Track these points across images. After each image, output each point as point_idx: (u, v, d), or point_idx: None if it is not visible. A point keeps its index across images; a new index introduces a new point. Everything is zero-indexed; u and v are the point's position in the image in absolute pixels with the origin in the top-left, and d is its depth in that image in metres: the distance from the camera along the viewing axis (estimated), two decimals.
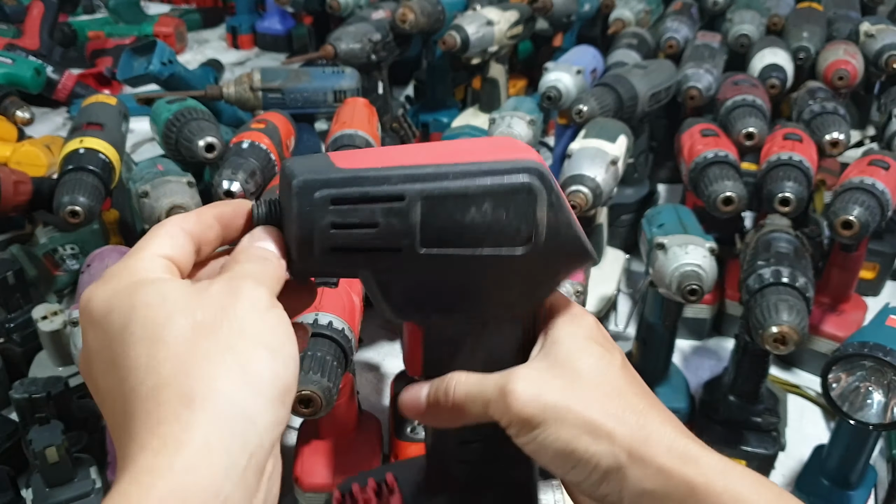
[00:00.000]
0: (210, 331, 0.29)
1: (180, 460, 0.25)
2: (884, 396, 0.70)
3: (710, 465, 0.34)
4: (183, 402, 0.27)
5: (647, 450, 0.34)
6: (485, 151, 0.34)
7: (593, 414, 0.34)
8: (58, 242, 1.09)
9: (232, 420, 0.27)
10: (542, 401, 0.34)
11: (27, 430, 0.75)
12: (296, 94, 1.16)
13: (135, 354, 0.29)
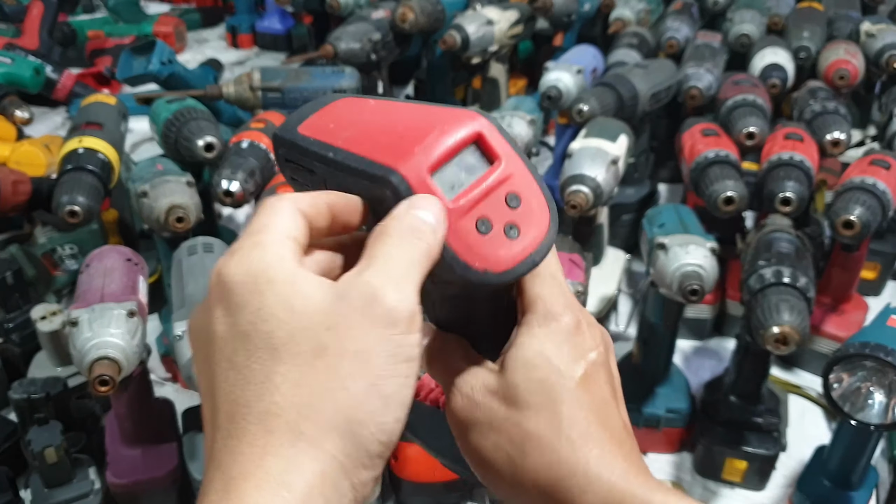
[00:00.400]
0: (333, 358, 0.27)
1: (282, 502, 0.25)
2: (885, 397, 0.70)
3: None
4: (291, 439, 0.26)
5: (565, 492, 0.31)
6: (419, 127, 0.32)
7: (512, 440, 0.32)
8: (57, 242, 1.09)
9: (334, 471, 0.26)
10: (470, 413, 0.33)
11: (26, 431, 0.75)
12: (295, 93, 1.16)
13: (255, 363, 0.27)
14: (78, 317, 0.69)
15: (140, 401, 0.79)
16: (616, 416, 0.34)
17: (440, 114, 0.33)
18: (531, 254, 0.32)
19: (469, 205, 0.31)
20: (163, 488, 0.80)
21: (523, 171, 0.32)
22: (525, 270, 0.32)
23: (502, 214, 0.32)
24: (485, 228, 0.31)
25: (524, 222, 0.32)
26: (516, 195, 0.32)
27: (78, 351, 0.67)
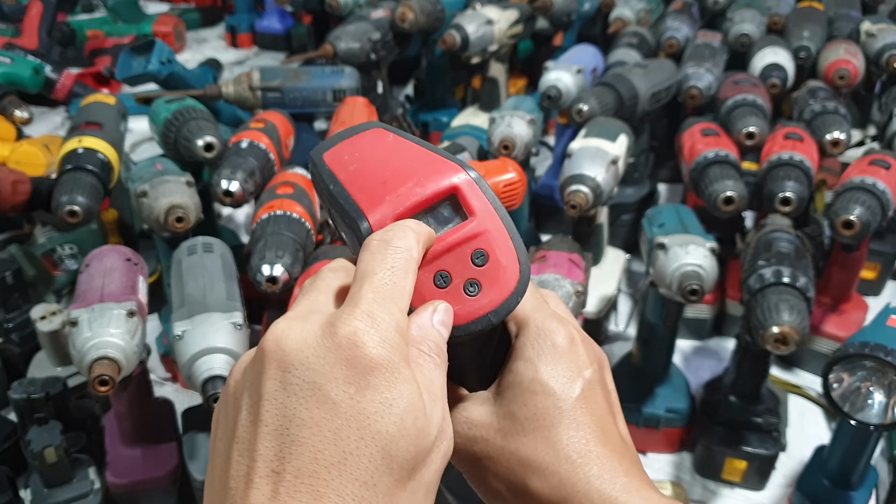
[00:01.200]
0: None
1: None
2: (885, 397, 0.70)
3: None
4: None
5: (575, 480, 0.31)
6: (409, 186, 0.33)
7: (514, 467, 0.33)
8: (56, 242, 1.09)
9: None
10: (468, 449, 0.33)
11: (26, 431, 0.75)
12: (295, 93, 1.16)
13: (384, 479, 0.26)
14: (78, 317, 0.69)
15: (140, 401, 0.79)
16: (614, 432, 0.33)
17: (429, 162, 0.33)
18: (488, 313, 0.32)
19: (430, 257, 0.32)
20: (162, 488, 0.80)
21: (499, 228, 0.32)
22: (479, 329, 0.32)
23: (464, 270, 0.32)
24: (442, 282, 0.32)
25: (487, 281, 0.32)
26: (484, 253, 0.32)
27: (78, 351, 0.67)
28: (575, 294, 0.77)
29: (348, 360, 0.26)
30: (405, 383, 0.27)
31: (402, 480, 0.26)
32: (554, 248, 0.86)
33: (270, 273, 0.77)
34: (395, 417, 0.26)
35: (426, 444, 0.27)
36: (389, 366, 0.26)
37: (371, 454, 0.25)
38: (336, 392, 0.26)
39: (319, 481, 0.24)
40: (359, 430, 0.25)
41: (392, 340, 0.27)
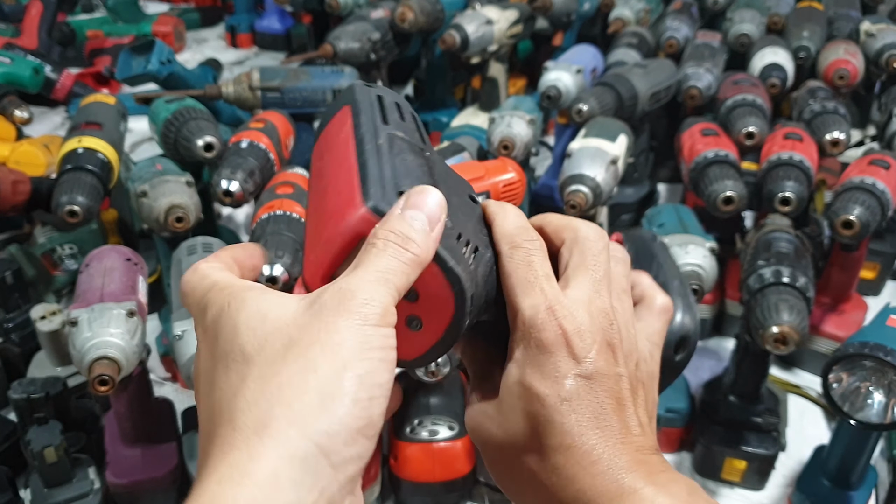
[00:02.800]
0: (302, 347, 0.27)
1: (244, 493, 0.25)
2: (884, 396, 0.70)
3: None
4: (256, 429, 0.26)
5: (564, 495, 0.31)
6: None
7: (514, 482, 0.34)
8: (56, 242, 1.09)
9: (304, 452, 0.26)
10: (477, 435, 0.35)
11: (26, 431, 0.75)
12: (295, 93, 1.16)
13: (232, 374, 0.28)
14: (77, 316, 0.69)
15: (140, 401, 0.79)
16: (615, 424, 0.32)
17: (344, 194, 0.31)
18: (435, 344, 0.31)
19: None
20: (162, 488, 0.80)
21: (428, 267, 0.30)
22: (434, 359, 0.32)
23: (400, 309, 0.30)
24: None
25: (425, 313, 0.31)
26: (415, 288, 0.30)
27: (77, 351, 0.67)
28: None
29: (196, 321, 0.32)
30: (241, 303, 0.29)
31: (271, 362, 0.27)
32: None
33: (270, 273, 0.77)
34: (240, 331, 0.29)
35: (298, 321, 0.28)
36: (221, 301, 0.30)
37: (236, 368, 0.28)
38: (203, 350, 0.31)
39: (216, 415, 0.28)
40: (224, 362, 0.29)
41: (219, 284, 0.31)
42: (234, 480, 0.25)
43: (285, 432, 0.26)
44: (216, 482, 0.25)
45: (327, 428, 0.26)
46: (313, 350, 0.27)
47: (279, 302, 0.29)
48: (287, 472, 0.25)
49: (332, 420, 0.26)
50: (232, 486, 0.25)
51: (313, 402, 0.26)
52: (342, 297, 0.28)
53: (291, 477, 0.25)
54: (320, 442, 0.26)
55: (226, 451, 0.26)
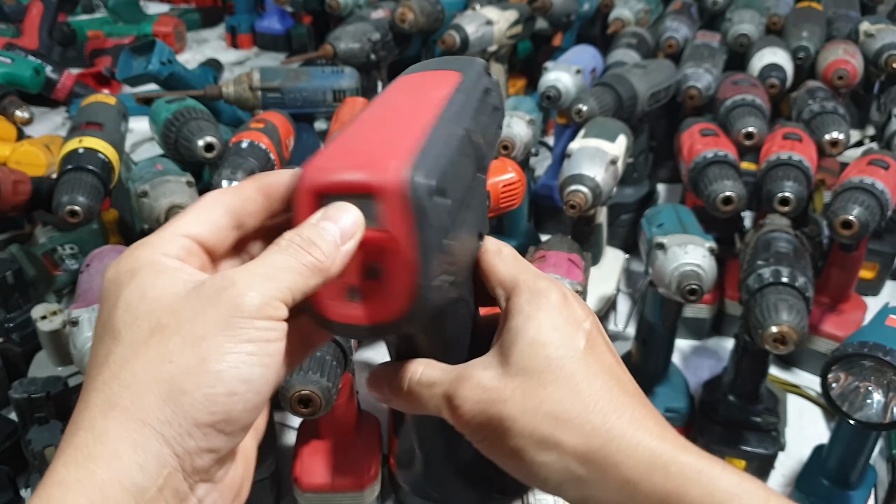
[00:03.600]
0: (166, 335, 0.27)
1: (88, 475, 0.25)
2: (883, 396, 0.70)
3: (683, 471, 0.30)
4: (104, 409, 0.26)
5: (606, 460, 0.31)
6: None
7: (541, 422, 0.31)
8: (57, 242, 1.09)
9: (146, 438, 0.26)
10: (486, 412, 0.32)
11: (26, 430, 0.75)
12: (295, 93, 1.16)
13: (102, 348, 0.28)
14: (78, 316, 0.69)
15: None
16: (629, 380, 0.34)
17: (391, 148, 0.29)
18: (358, 325, 0.30)
19: None
20: None
21: (411, 258, 0.28)
22: (345, 333, 0.30)
23: (352, 274, 0.29)
24: None
25: (370, 296, 0.29)
26: (380, 271, 0.29)
27: (78, 350, 0.68)
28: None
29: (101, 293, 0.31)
30: (133, 279, 0.29)
31: (135, 342, 0.27)
32: (553, 248, 0.87)
33: None
34: (120, 306, 0.28)
35: (173, 304, 0.28)
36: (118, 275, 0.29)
37: (105, 343, 0.28)
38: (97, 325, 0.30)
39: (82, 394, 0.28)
40: (99, 336, 0.29)
41: (126, 256, 0.30)
42: (79, 463, 0.25)
43: (130, 417, 0.26)
44: (62, 464, 0.26)
45: (171, 419, 0.26)
46: (174, 339, 0.27)
47: (165, 284, 0.28)
48: (130, 456, 0.25)
49: (178, 413, 0.26)
50: (76, 468, 0.25)
51: (161, 392, 0.26)
52: (222, 284, 0.27)
53: (135, 460, 0.25)
54: (163, 430, 0.26)
55: (73, 432, 0.26)
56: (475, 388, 0.33)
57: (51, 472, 0.26)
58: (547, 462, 0.31)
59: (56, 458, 0.26)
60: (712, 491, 0.30)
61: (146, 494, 0.25)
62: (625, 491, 0.30)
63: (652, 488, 0.30)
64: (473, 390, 0.33)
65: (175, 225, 0.30)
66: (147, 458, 0.25)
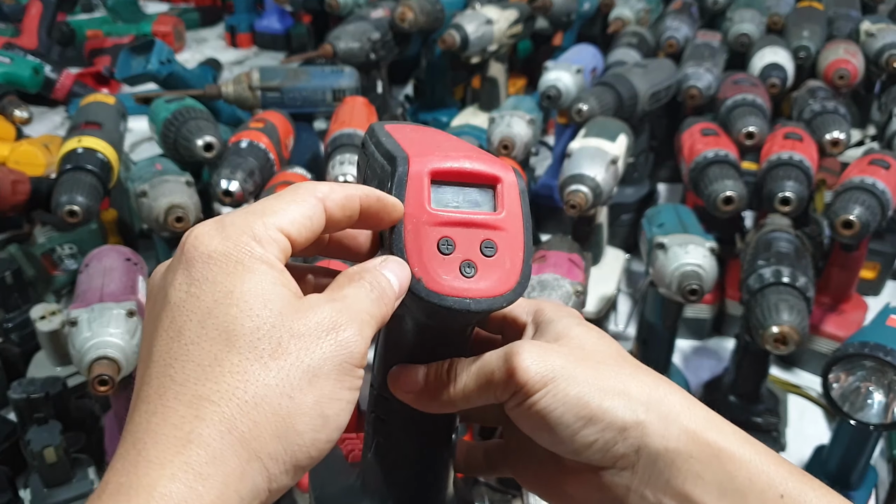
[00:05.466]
0: (288, 361, 0.27)
1: (193, 495, 0.24)
2: (884, 396, 0.70)
3: (733, 434, 0.32)
4: (222, 431, 0.25)
5: (669, 410, 0.32)
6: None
7: (604, 374, 0.32)
8: (56, 242, 1.09)
9: (256, 470, 0.26)
10: (549, 362, 0.32)
11: (25, 431, 0.75)
12: (294, 93, 1.16)
13: (206, 342, 0.27)
14: (77, 316, 0.69)
15: None
16: None
17: (486, 155, 0.34)
18: (469, 298, 0.32)
19: (444, 220, 0.32)
20: None
21: (517, 237, 0.33)
22: (452, 307, 0.31)
23: (469, 251, 0.32)
24: (445, 249, 0.32)
25: (484, 272, 0.32)
26: (494, 246, 0.32)
27: (77, 351, 0.67)
28: (574, 294, 0.77)
29: (187, 262, 0.28)
30: (248, 273, 0.27)
31: (255, 358, 0.26)
32: (553, 247, 0.86)
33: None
34: (235, 301, 0.27)
35: (293, 327, 0.27)
36: (227, 259, 0.27)
37: (212, 338, 0.26)
38: (174, 294, 0.27)
39: (166, 378, 0.26)
40: (199, 322, 0.27)
41: (235, 239, 0.28)
42: (189, 482, 0.24)
43: (247, 446, 0.26)
44: (169, 477, 0.24)
45: (279, 456, 0.26)
46: (295, 371, 0.27)
47: (284, 296, 0.28)
48: (237, 487, 0.25)
49: (287, 451, 0.26)
50: (186, 487, 0.24)
51: (278, 428, 0.26)
52: (336, 325, 0.28)
53: (239, 492, 0.25)
54: (269, 467, 0.26)
55: (182, 443, 0.25)
56: (533, 345, 0.33)
57: (152, 479, 0.24)
58: (616, 405, 0.32)
59: (160, 466, 0.24)
60: (758, 458, 0.31)
61: None
62: (682, 439, 0.31)
63: (707, 440, 0.31)
64: (532, 346, 0.33)
65: (277, 216, 0.29)
66: (249, 492, 0.26)
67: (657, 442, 0.31)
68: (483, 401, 0.34)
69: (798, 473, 0.31)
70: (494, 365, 0.33)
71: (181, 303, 0.27)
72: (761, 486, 0.30)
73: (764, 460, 0.31)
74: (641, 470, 0.32)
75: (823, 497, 0.30)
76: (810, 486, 0.30)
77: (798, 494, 0.30)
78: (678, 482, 0.31)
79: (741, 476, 0.30)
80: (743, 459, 0.30)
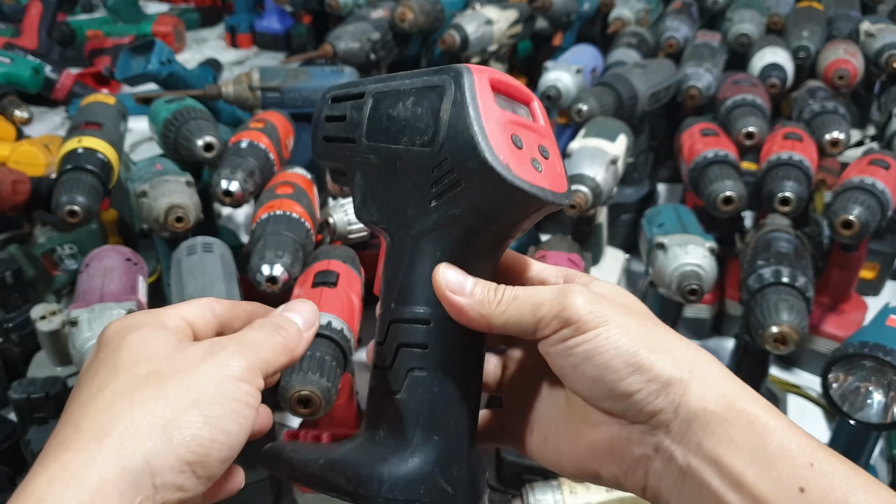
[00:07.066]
0: (160, 379, 0.30)
1: (71, 494, 0.26)
2: (884, 396, 0.70)
3: (766, 405, 0.33)
4: (97, 435, 0.28)
5: (709, 374, 0.33)
6: None
7: (652, 332, 0.34)
8: (56, 242, 1.09)
9: (134, 465, 0.28)
10: (603, 307, 0.33)
11: (25, 431, 0.75)
12: (294, 93, 1.16)
13: (97, 380, 0.31)
14: (77, 316, 0.69)
15: None
16: None
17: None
18: (546, 188, 0.34)
19: (512, 119, 0.34)
20: None
21: (555, 148, 0.37)
22: (530, 191, 0.33)
23: (533, 151, 0.35)
24: (519, 143, 0.34)
25: (547, 171, 0.35)
26: (547, 150, 0.36)
27: (77, 351, 0.67)
28: None
29: (98, 344, 0.34)
30: (137, 330, 0.33)
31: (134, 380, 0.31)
32: (553, 247, 0.86)
33: (270, 273, 0.77)
34: (122, 347, 0.32)
35: (173, 358, 0.32)
36: (119, 330, 0.33)
37: (101, 376, 0.31)
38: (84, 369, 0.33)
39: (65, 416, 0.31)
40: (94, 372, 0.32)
41: (132, 318, 0.34)
42: (64, 482, 0.27)
43: (123, 444, 0.28)
44: (46, 482, 0.27)
45: (161, 450, 0.28)
46: (171, 383, 0.30)
47: (166, 338, 0.33)
48: (114, 482, 0.27)
49: (168, 445, 0.29)
50: (61, 487, 0.27)
51: (156, 425, 0.29)
52: (214, 347, 0.32)
53: (118, 486, 0.27)
54: (151, 460, 0.28)
55: (61, 451, 0.28)
56: (587, 292, 0.34)
57: (30, 487, 0.27)
58: (664, 360, 0.32)
59: (37, 474, 0.27)
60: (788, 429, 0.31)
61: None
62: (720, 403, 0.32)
63: (744, 407, 0.32)
64: (587, 293, 0.34)
65: (178, 308, 0.35)
66: (128, 485, 0.27)
67: (697, 402, 0.32)
68: (518, 330, 0.34)
69: (826, 448, 0.31)
70: (546, 297, 0.34)
71: (85, 370, 0.33)
72: (792, 454, 0.30)
73: (796, 432, 0.31)
74: (676, 428, 0.32)
75: (851, 470, 0.30)
76: (839, 459, 0.30)
77: (827, 465, 0.30)
78: (710, 444, 0.31)
79: (773, 443, 0.30)
80: (776, 428, 0.31)
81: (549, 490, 0.70)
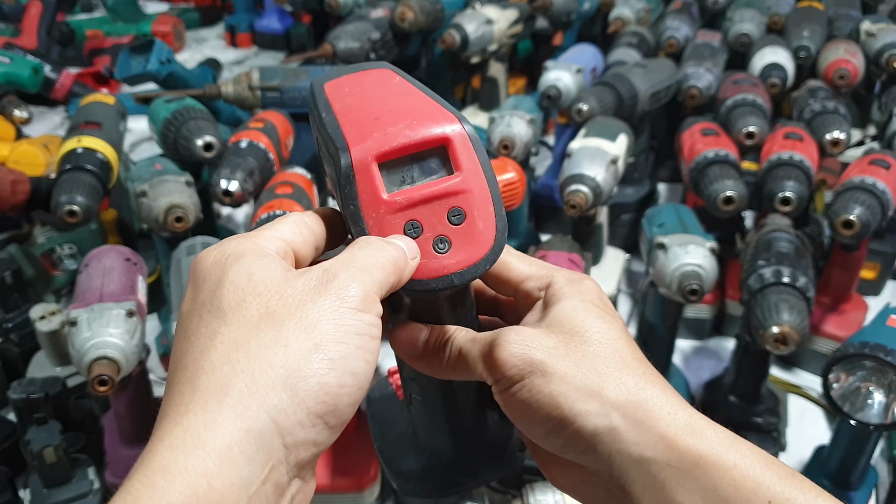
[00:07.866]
0: (276, 321, 0.27)
1: (196, 462, 0.24)
2: (884, 396, 0.70)
3: (717, 437, 0.30)
4: (217, 394, 0.25)
5: (646, 415, 0.30)
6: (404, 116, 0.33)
7: (583, 372, 0.31)
8: (56, 242, 1.09)
9: (261, 426, 0.25)
10: (528, 355, 0.32)
11: (25, 431, 0.75)
12: (294, 92, 1.16)
13: (203, 327, 0.28)
14: (77, 317, 0.69)
15: (139, 401, 0.79)
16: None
17: (427, 109, 0.32)
18: (452, 273, 0.32)
19: (404, 204, 0.31)
20: None
21: (483, 191, 0.32)
22: (437, 288, 0.31)
23: (438, 225, 0.31)
24: (413, 232, 0.31)
25: (459, 241, 0.32)
26: (461, 212, 0.31)
27: (77, 351, 0.67)
28: None
29: (192, 279, 0.30)
30: (236, 262, 0.29)
31: (244, 325, 0.27)
32: (553, 247, 0.86)
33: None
34: (224, 285, 0.28)
35: (281, 291, 0.28)
36: (217, 262, 0.30)
37: (208, 323, 0.28)
38: (183, 307, 0.30)
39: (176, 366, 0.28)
40: (199, 316, 0.29)
41: (225, 246, 0.30)
42: (188, 448, 0.24)
43: (245, 403, 0.25)
44: (168, 448, 0.25)
45: (287, 406, 0.26)
46: (288, 324, 0.27)
47: (271, 268, 0.29)
48: (241, 446, 0.25)
49: (294, 398, 0.26)
50: (184, 454, 0.24)
51: (278, 377, 0.26)
52: (325, 277, 0.28)
53: (245, 451, 0.25)
54: (278, 418, 0.26)
55: (181, 413, 0.26)
56: (519, 334, 0.33)
57: (153, 454, 0.25)
58: (587, 410, 0.31)
59: (160, 439, 0.25)
60: (745, 462, 0.29)
61: (251, 487, 0.25)
62: (658, 447, 0.30)
63: (687, 448, 0.30)
64: (517, 336, 0.32)
65: (273, 229, 0.31)
66: (257, 449, 0.25)
67: (632, 449, 0.30)
68: (473, 378, 0.34)
69: (788, 476, 0.29)
70: (479, 351, 0.33)
71: (187, 311, 0.29)
72: (746, 493, 0.28)
73: (751, 464, 0.29)
74: (618, 474, 0.31)
75: (814, 500, 0.28)
76: (800, 489, 0.29)
77: (787, 498, 0.28)
78: (655, 489, 0.30)
79: (724, 484, 0.29)
80: (727, 465, 0.29)
81: (550, 490, 0.70)
